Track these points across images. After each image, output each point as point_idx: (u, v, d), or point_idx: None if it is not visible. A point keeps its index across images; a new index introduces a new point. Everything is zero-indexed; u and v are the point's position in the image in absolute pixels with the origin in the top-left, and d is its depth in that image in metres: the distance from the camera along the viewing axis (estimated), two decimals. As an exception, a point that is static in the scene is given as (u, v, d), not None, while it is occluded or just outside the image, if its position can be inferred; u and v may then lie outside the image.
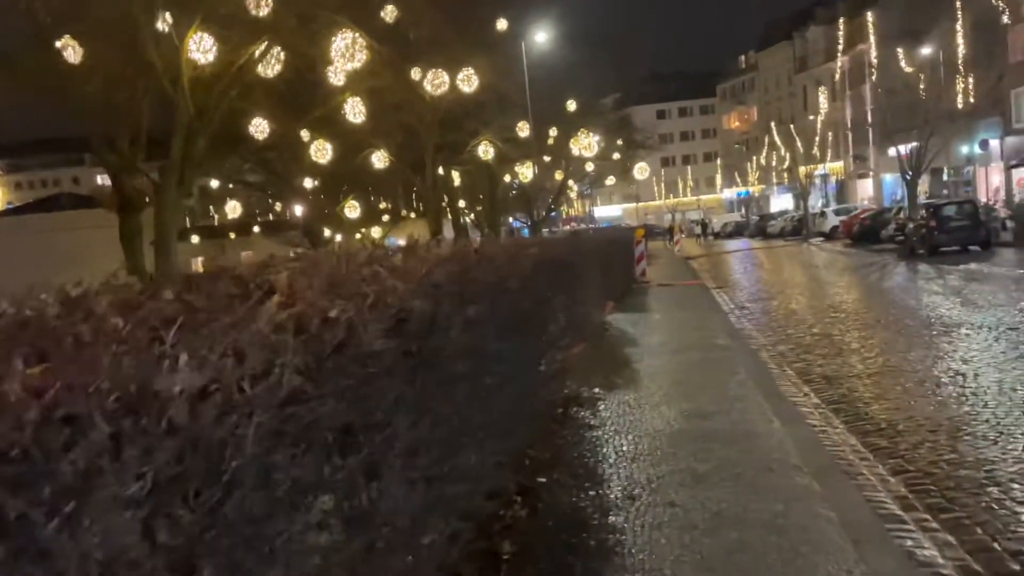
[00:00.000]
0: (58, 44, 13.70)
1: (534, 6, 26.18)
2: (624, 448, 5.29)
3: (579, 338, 10.34)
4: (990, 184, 37.07)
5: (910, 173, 29.53)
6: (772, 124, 56.52)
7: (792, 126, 50.69)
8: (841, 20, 45.88)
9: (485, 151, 19.54)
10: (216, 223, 53.32)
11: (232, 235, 54.25)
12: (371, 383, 2.29)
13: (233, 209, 43.75)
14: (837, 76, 51.94)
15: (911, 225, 23.62)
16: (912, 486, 4.68)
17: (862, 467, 4.99)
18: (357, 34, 12.82)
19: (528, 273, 4.44)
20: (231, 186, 45.73)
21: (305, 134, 20.04)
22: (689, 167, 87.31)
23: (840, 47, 46.47)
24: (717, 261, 31.27)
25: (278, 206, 52.04)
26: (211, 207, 52.31)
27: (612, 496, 4.40)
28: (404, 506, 2.67)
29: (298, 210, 44.47)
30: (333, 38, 12.88)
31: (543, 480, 4.71)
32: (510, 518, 4.12)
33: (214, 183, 47.89)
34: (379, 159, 19.21)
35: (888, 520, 4.12)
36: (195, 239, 56.93)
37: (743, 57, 79.67)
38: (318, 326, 1.95)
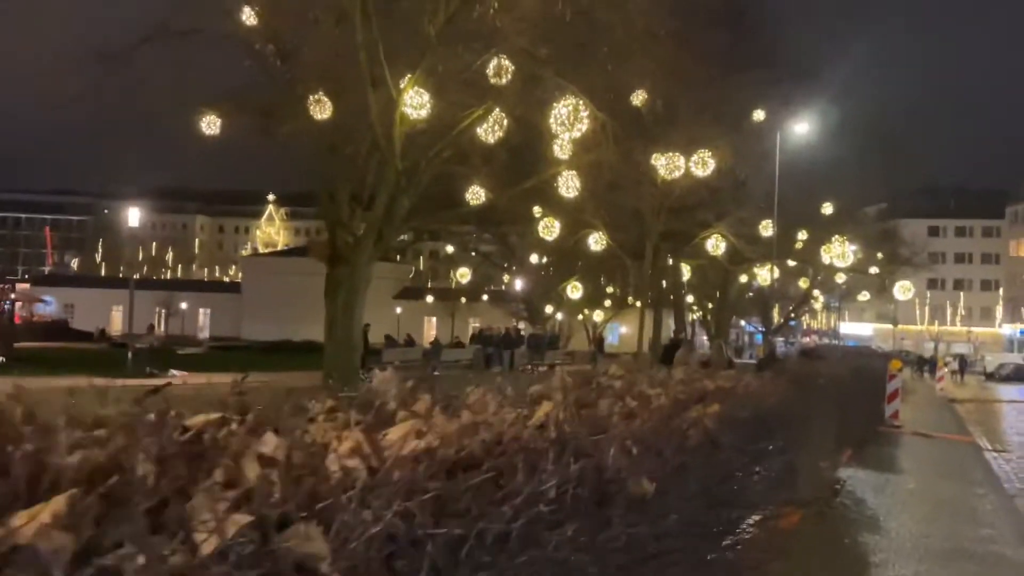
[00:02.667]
0: (310, 99, 13.91)
1: (799, 95, 23.65)
2: None
3: (794, 501, 7.75)
4: None
5: None
6: (1080, 256, 47.49)
7: (1108, 261, 42.01)
8: None
9: (715, 246, 17.28)
10: (452, 286, 55.27)
11: (463, 299, 56.11)
12: None
13: (463, 275, 45.13)
14: None
15: None
16: None
17: None
18: (580, 101, 11.51)
19: (683, 460, 2.39)
20: (474, 253, 47.29)
21: (537, 210, 19.25)
22: (962, 293, 76.58)
23: None
24: (991, 411, 25.67)
25: (506, 277, 52.97)
26: (451, 271, 54.34)
27: None
28: None
29: (518, 284, 44.59)
30: (555, 104, 11.69)
31: None
32: None
33: (449, 248, 50.01)
34: (596, 241, 17.75)
35: None
36: (429, 299, 59.83)
37: (1044, 177, 69.20)
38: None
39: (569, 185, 13.13)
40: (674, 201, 17.44)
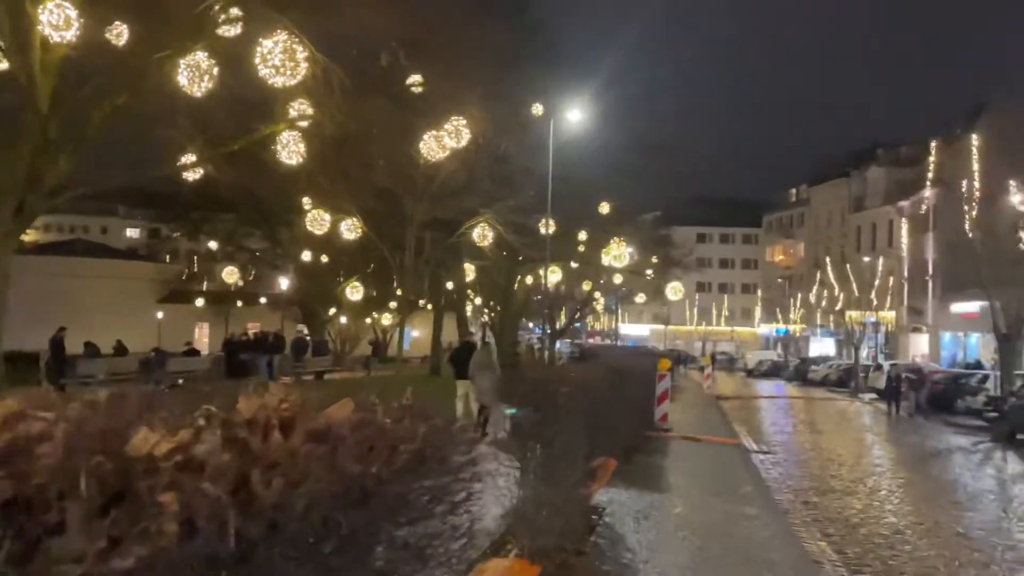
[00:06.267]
0: None
1: (573, 90, 22.59)
2: None
3: (535, 546, 5.85)
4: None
5: (1005, 330, 23.91)
6: (827, 260, 52.22)
7: (848, 267, 46.25)
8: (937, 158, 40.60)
9: (482, 235, 15.46)
10: (231, 289, 49.40)
11: (239, 303, 50.64)
12: None
13: (230, 274, 40.10)
14: (898, 221, 47.94)
15: (1012, 400, 18.61)
16: None
17: None
18: (294, 39, 9.03)
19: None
20: (230, 249, 42.30)
21: (306, 201, 16.46)
22: (726, 296, 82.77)
23: (929, 185, 42.14)
24: (754, 408, 26.39)
25: (282, 278, 48.56)
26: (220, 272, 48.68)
27: None
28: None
29: (284, 284, 40.70)
30: (261, 40, 9.10)
31: None
32: None
33: (213, 244, 44.51)
34: (349, 228, 15.29)
35: None
36: (200, 302, 53.43)
37: (794, 190, 76.49)
38: None
39: (291, 150, 10.57)
40: (437, 187, 15.40)
